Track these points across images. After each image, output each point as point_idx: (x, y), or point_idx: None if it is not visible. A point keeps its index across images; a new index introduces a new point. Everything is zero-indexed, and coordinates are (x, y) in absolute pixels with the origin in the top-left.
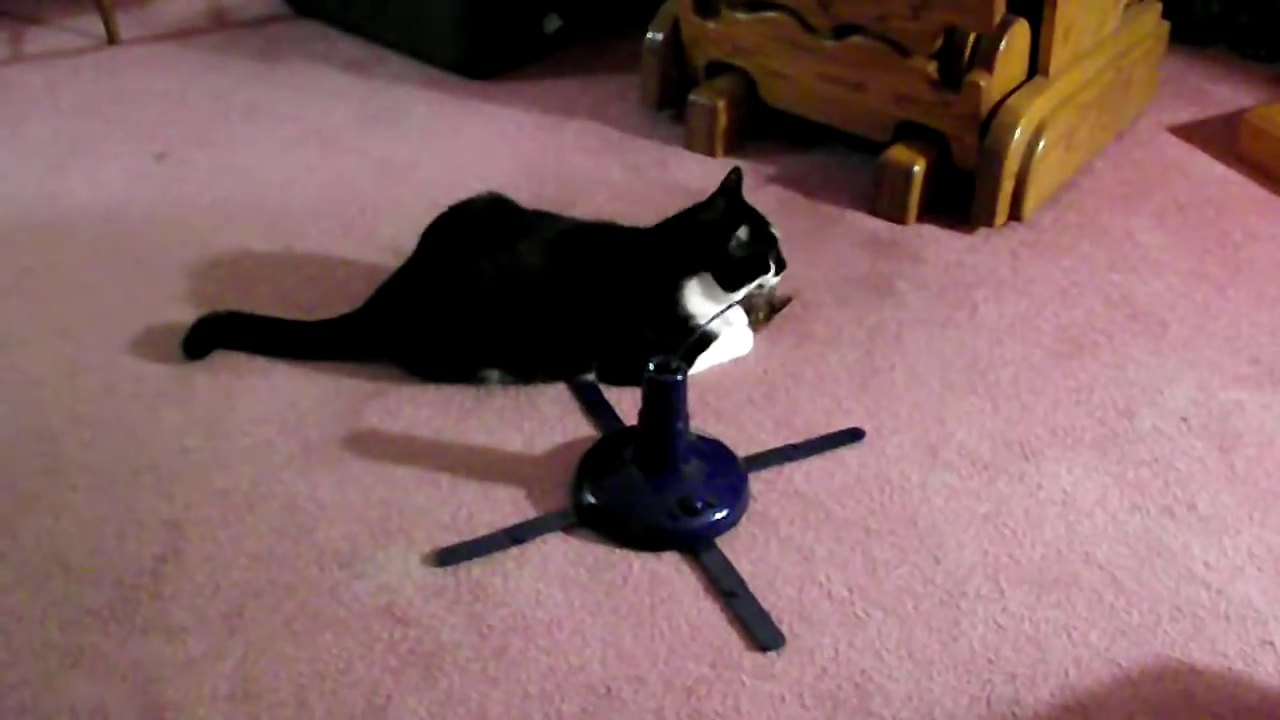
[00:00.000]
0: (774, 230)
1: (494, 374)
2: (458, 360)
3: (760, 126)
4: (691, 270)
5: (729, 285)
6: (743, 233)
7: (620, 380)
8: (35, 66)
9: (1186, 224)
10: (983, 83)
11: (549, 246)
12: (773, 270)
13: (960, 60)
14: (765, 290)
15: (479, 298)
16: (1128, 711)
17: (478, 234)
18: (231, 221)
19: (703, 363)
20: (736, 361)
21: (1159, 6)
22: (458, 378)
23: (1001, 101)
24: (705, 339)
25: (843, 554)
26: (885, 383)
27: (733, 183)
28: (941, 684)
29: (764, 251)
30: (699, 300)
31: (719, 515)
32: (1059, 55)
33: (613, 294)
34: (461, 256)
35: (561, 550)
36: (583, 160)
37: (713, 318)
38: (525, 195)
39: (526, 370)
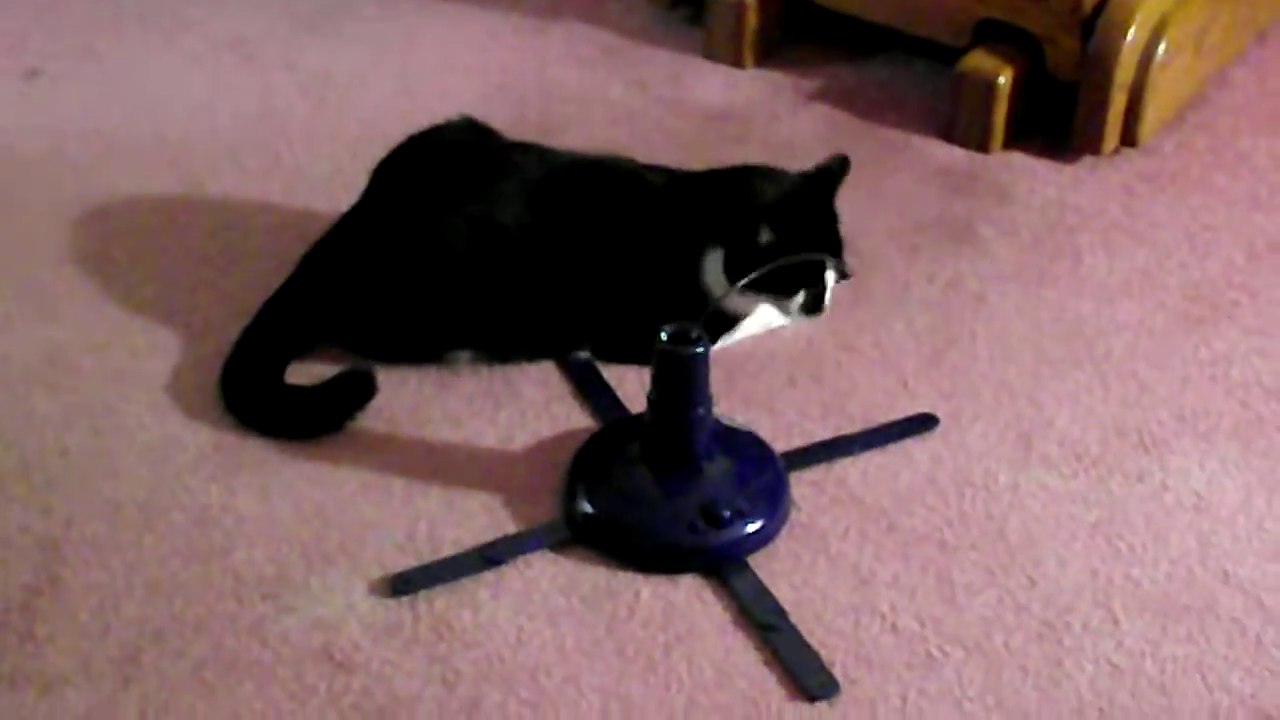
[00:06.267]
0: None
1: (464, 355)
2: (418, 339)
3: (801, 28)
4: (714, 240)
5: (740, 280)
6: (765, 234)
7: (622, 356)
8: None
9: None
10: None
11: (536, 190)
12: (794, 306)
13: None
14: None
15: (446, 258)
16: None
17: (444, 174)
18: (122, 156)
19: (730, 336)
20: (774, 331)
21: None
22: (417, 359)
23: None
24: (732, 318)
25: (911, 576)
26: (964, 356)
27: (831, 172)
28: None
29: (809, 266)
30: (722, 277)
31: (752, 527)
32: None
33: (617, 253)
34: (423, 204)
35: (549, 574)
36: (573, 74)
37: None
38: (500, 120)
39: (505, 348)
